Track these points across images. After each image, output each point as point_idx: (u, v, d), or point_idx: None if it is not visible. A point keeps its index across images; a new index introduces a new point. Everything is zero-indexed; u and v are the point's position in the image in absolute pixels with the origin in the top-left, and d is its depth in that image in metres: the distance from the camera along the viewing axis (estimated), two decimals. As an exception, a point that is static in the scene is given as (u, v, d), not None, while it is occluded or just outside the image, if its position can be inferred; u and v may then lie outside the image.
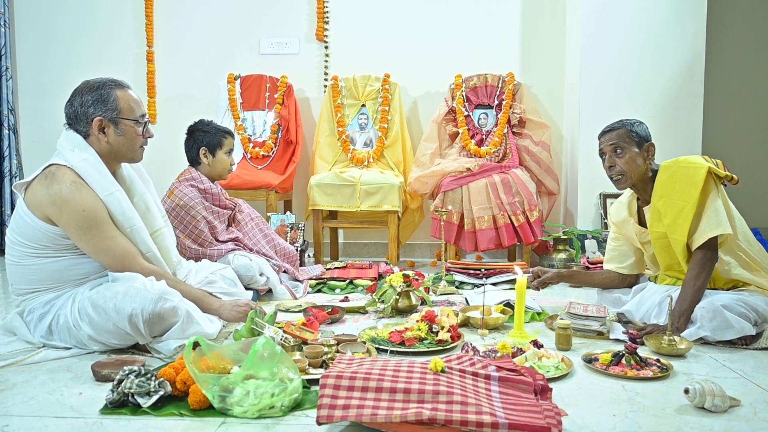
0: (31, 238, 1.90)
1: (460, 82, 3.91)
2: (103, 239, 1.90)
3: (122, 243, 1.94)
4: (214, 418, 1.44)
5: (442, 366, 1.47)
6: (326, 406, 1.35)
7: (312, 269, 3.26)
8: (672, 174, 2.12)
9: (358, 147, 3.98)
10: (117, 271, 1.92)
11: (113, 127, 1.97)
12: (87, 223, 1.86)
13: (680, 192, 2.09)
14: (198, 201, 2.74)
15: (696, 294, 2.05)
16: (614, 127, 2.25)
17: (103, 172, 1.95)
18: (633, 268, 2.43)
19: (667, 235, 2.14)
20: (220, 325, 2.10)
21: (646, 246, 2.31)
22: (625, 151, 2.20)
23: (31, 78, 4.29)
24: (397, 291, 2.45)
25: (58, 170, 1.90)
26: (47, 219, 1.87)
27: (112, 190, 1.95)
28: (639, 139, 2.20)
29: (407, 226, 3.98)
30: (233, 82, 4.04)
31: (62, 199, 1.85)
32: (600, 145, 2.28)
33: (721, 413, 1.47)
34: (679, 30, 3.59)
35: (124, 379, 1.49)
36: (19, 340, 1.96)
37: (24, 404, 1.53)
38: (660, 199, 2.14)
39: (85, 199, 1.87)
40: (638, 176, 2.21)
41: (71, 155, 1.93)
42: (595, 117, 3.65)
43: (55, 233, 1.89)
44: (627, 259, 2.42)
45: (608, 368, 1.76)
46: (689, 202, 2.06)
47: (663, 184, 2.14)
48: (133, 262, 1.95)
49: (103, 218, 1.91)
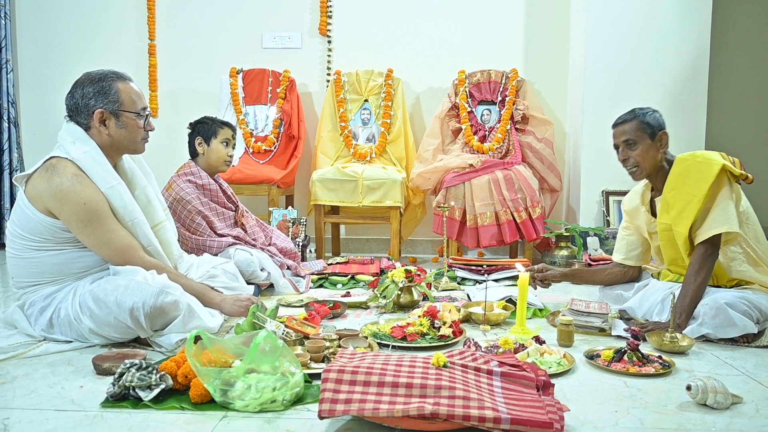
0: (32, 231, 1.89)
1: (463, 78, 3.90)
2: (105, 232, 1.89)
3: (123, 236, 1.94)
4: (216, 411, 1.44)
5: (444, 361, 1.47)
6: (328, 400, 1.34)
7: (314, 264, 3.26)
8: (686, 167, 2.12)
9: (360, 142, 3.97)
10: (118, 265, 1.92)
11: (114, 119, 1.96)
12: (88, 216, 1.86)
13: (690, 185, 2.09)
14: (194, 196, 2.73)
15: (697, 290, 2.04)
16: (626, 119, 2.23)
17: (104, 165, 1.94)
18: (638, 259, 2.43)
19: (672, 227, 2.14)
20: (222, 319, 2.10)
21: (654, 237, 2.31)
22: (638, 144, 2.19)
23: (32, 71, 4.28)
24: (398, 286, 2.45)
25: (59, 163, 1.89)
26: (48, 212, 1.87)
27: (113, 183, 1.94)
28: (651, 130, 2.19)
29: (409, 222, 3.97)
30: (235, 76, 4.03)
31: (63, 192, 1.84)
32: (613, 137, 2.27)
33: (723, 410, 1.47)
34: (683, 27, 3.57)
35: (125, 373, 1.49)
36: (20, 333, 1.96)
37: (24, 397, 1.53)
38: (670, 191, 2.14)
39: (87, 192, 1.87)
40: (653, 166, 2.21)
41: (72, 148, 1.92)
42: (598, 114, 3.64)
43: (56, 226, 1.88)
44: (634, 250, 2.43)
45: (610, 365, 1.76)
46: (697, 195, 2.06)
47: (676, 177, 2.13)
48: (135, 256, 1.94)
49: (104, 211, 1.90)
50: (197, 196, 2.75)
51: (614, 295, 2.49)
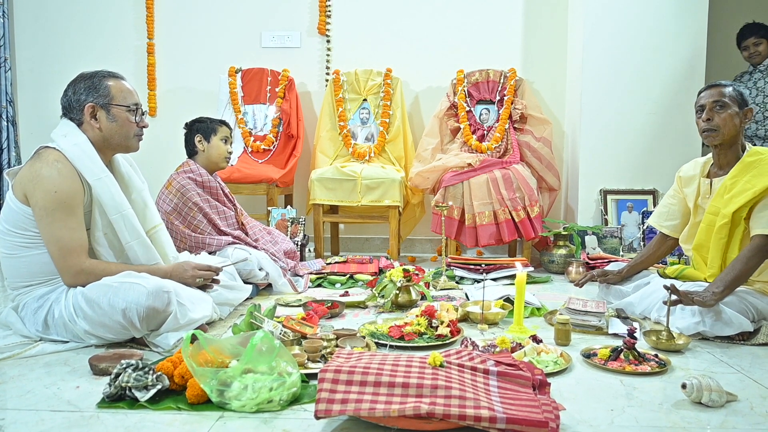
0: (15, 224, 1.89)
1: (462, 78, 3.90)
2: (61, 227, 1.84)
3: (77, 237, 1.87)
4: (212, 412, 1.44)
5: (440, 360, 1.47)
6: (324, 400, 1.35)
7: (312, 264, 3.26)
8: (758, 160, 2.14)
9: (359, 141, 3.97)
10: (57, 266, 1.87)
11: (105, 112, 1.96)
12: (53, 206, 1.83)
13: (754, 177, 2.11)
14: (194, 193, 2.74)
15: (743, 270, 2.03)
16: (721, 84, 2.25)
17: (93, 158, 1.93)
18: (672, 230, 2.46)
19: (719, 210, 2.16)
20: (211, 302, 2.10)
21: (698, 211, 2.32)
22: (726, 108, 2.20)
23: (30, 69, 4.28)
24: (397, 286, 2.45)
25: (45, 151, 1.90)
26: (24, 199, 1.86)
27: (101, 176, 1.93)
28: (742, 100, 2.21)
29: (408, 221, 3.97)
30: (234, 75, 4.03)
31: (39, 177, 1.83)
32: (700, 99, 2.27)
33: (718, 408, 1.48)
34: (680, 27, 3.57)
35: (122, 373, 1.49)
36: (16, 334, 1.96)
37: (20, 398, 1.53)
38: (733, 178, 2.17)
39: (62, 182, 1.84)
40: (730, 136, 2.21)
41: (63, 141, 1.93)
42: (596, 113, 3.64)
43: (30, 215, 1.86)
44: (672, 219, 2.46)
45: (607, 363, 1.76)
46: (755, 187, 2.08)
47: (744, 166, 2.16)
48: (77, 261, 1.87)
49: (73, 206, 1.86)
50: (197, 193, 2.76)
51: (615, 291, 2.50)
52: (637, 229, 3.58)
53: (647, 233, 3.49)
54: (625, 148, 3.64)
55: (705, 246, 2.23)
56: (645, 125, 3.62)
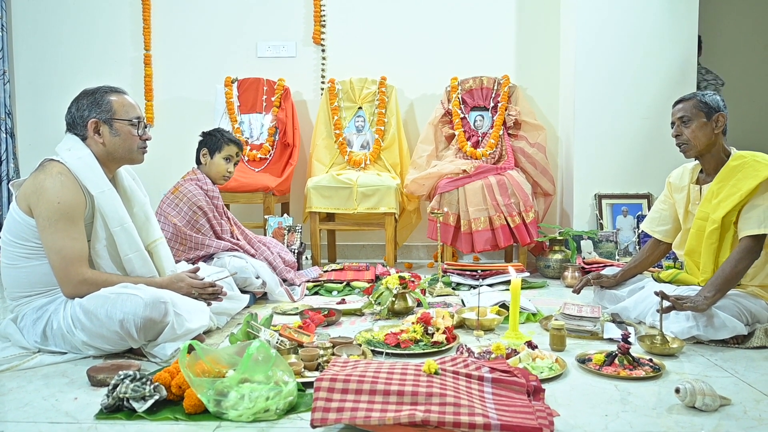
0: (17, 234, 1.91)
1: (456, 85, 3.92)
2: (63, 237, 1.86)
3: (78, 247, 1.90)
4: (209, 422, 1.45)
5: (435, 368, 1.49)
6: (320, 409, 1.36)
7: (309, 271, 3.27)
8: (741, 164, 2.16)
9: (355, 149, 3.99)
10: (57, 276, 1.89)
11: (108, 127, 1.99)
12: (56, 216, 1.86)
13: (739, 181, 2.13)
14: (201, 197, 2.80)
15: (732, 273, 2.05)
16: (685, 98, 2.29)
17: (96, 171, 1.97)
18: (664, 235, 2.48)
19: (709, 216, 2.18)
20: (208, 312, 2.11)
21: (689, 218, 2.34)
22: (692, 121, 2.23)
23: (28, 81, 4.30)
24: (393, 293, 2.47)
25: (49, 164, 1.93)
26: (28, 210, 1.89)
27: (104, 188, 1.96)
28: (708, 109, 2.23)
29: (404, 228, 3.99)
30: (230, 85, 4.05)
31: (43, 188, 1.87)
32: (671, 116, 2.33)
33: (711, 412, 1.49)
34: (671, 32, 3.61)
35: (119, 384, 1.50)
36: (14, 345, 1.97)
37: (19, 410, 1.54)
38: (719, 183, 2.19)
39: (65, 193, 1.88)
40: (704, 146, 2.24)
41: (67, 154, 1.96)
42: (589, 118, 3.67)
43: (33, 226, 1.88)
44: (663, 225, 2.48)
45: (601, 368, 1.78)
46: (741, 190, 2.10)
47: (729, 171, 2.18)
48: (78, 270, 1.88)
49: (75, 217, 1.89)
50: (204, 198, 2.81)
51: (610, 295, 2.51)
52: (632, 233, 3.60)
53: (642, 237, 3.50)
54: (619, 152, 3.67)
55: (696, 251, 2.25)
56: (638, 129, 3.65)
